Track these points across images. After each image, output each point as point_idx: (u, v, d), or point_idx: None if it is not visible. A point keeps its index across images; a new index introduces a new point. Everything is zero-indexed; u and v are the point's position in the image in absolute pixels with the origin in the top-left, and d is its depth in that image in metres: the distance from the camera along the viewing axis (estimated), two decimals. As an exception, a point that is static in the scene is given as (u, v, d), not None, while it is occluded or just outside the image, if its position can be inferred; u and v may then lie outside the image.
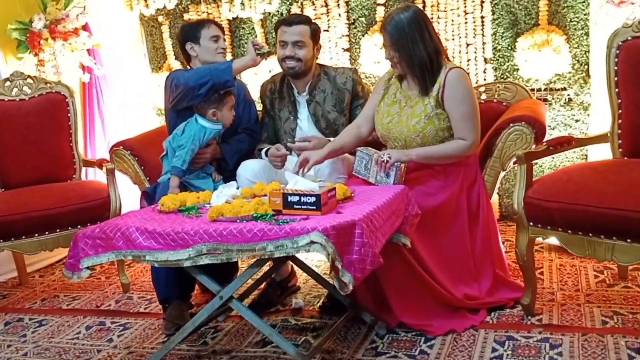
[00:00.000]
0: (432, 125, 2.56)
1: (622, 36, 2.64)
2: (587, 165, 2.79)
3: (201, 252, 2.05)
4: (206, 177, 2.92)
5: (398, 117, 2.63)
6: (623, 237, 2.19)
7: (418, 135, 2.57)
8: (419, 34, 2.52)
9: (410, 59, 2.54)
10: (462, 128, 2.54)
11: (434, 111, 2.55)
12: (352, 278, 1.96)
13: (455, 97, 2.53)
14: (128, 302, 3.13)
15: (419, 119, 2.57)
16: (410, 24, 2.52)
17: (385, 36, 2.57)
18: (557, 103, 3.58)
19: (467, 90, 2.55)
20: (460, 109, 2.53)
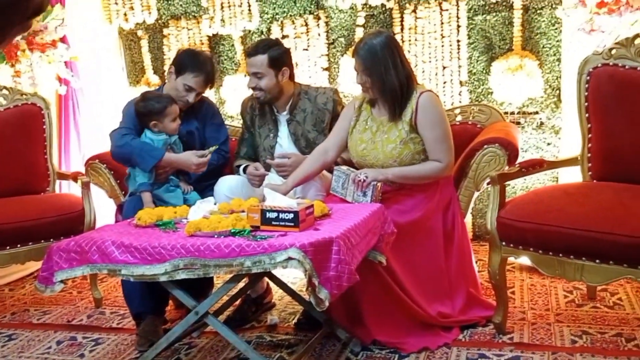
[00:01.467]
0: (408, 150, 2.60)
1: (593, 63, 2.73)
2: (558, 187, 2.86)
3: (178, 267, 2.05)
4: (174, 189, 2.92)
5: (372, 144, 2.66)
6: (592, 258, 2.24)
7: (395, 160, 2.61)
8: (391, 60, 2.57)
9: (381, 85, 2.58)
10: (436, 150, 2.59)
11: (408, 136, 2.59)
12: (329, 294, 1.97)
13: (428, 121, 2.58)
14: (100, 317, 3.09)
15: (394, 145, 2.60)
16: (383, 49, 2.56)
17: (358, 61, 2.60)
18: (530, 126, 3.67)
19: (439, 113, 2.61)
20: (434, 132, 2.58)
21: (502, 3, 3.62)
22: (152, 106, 2.85)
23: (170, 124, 2.86)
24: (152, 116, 2.84)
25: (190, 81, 2.92)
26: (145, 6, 4.16)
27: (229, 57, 4.15)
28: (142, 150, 2.82)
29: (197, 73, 2.92)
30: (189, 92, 2.94)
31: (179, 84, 2.94)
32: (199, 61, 2.95)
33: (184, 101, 2.95)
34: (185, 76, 2.92)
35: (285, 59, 2.97)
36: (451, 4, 3.67)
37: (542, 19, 3.56)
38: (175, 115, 2.87)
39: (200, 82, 2.94)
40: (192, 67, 2.92)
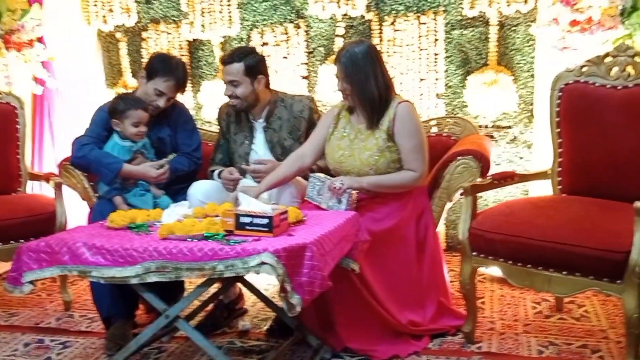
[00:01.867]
0: (385, 158, 2.63)
1: (564, 80, 2.80)
2: (528, 200, 2.91)
3: (149, 270, 2.04)
4: (144, 194, 2.90)
5: (350, 151, 2.69)
6: (559, 269, 2.29)
7: (371, 168, 2.63)
8: (372, 69, 2.60)
9: (361, 93, 2.62)
10: (411, 160, 2.62)
11: (385, 144, 2.62)
12: (301, 300, 1.98)
13: (405, 130, 2.62)
14: (69, 320, 3.05)
15: (371, 153, 2.63)
16: (364, 58, 2.60)
17: (340, 68, 2.63)
18: (503, 140, 3.73)
19: (416, 123, 2.65)
20: (410, 141, 2.62)
21: (479, 19, 3.68)
22: (117, 105, 2.86)
23: (130, 127, 2.84)
24: (114, 114, 2.85)
25: (160, 85, 2.91)
26: (124, 9, 4.14)
27: (208, 63, 4.15)
28: (100, 164, 2.83)
29: (168, 77, 2.91)
30: (160, 96, 2.93)
31: (149, 88, 2.93)
32: (170, 66, 2.93)
33: (155, 106, 2.94)
34: (156, 80, 2.91)
35: (261, 67, 2.98)
36: (429, 17, 3.72)
37: (517, 36, 3.64)
38: (137, 121, 2.84)
39: (170, 86, 2.93)
40: (163, 72, 2.91)
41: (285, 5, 3.95)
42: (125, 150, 2.86)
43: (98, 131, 2.93)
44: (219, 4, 3.99)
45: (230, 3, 3.99)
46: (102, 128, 2.93)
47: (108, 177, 2.83)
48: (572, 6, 3.04)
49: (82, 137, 2.95)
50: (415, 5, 3.75)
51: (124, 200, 2.82)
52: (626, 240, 2.15)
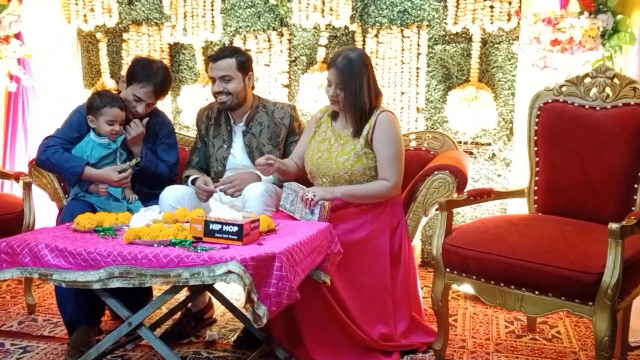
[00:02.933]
0: (361, 164, 2.61)
1: (543, 98, 2.80)
2: (503, 218, 2.90)
3: (112, 275, 1.98)
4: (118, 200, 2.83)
5: (327, 154, 2.69)
6: (531, 288, 2.27)
7: (346, 172, 2.62)
8: (366, 77, 2.62)
9: (353, 100, 2.62)
10: (386, 169, 2.61)
11: (363, 150, 2.62)
12: (267, 311, 1.94)
13: (383, 139, 2.61)
14: (32, 324, 2.96)
15: (348, 157, 2.63)
16: (360, 65, 2.61)
17: (335, 73, 2.61)
18: (482, 157, 3.73)
19: (395, 133, 2.64)
20: (387, 150, 2.61)
21: (462, 35, 3.69)
22: (93, 100, 2.82)
23: (104, 125, 2.79)
24: (90, 110, 2.81)
25: (138, 92, 2.86)
26: (106, 9, 4.08)
27: (189, 67, 4.10)
28: (62, 167, 2.79)
29: (145, 84, 2.85)
30: (138, 102, 2.88)
31: (128, 94, 2.89)
32: (149, 71, 2.87)
33: (134, 112, 2.89)
34: (134, 86, 2.87)
35: (250, 65, 3.00)
36: (413, 31, 3.72)
37: (499, 53, 3.65)
38: (111, 119, 2.78)
39: (148, 92, 2.87)
40: (140, 78, 2.85)
41: (269, 12, 3.92)
42: (102, 147, 2.80)
43: (69, 133, 2.87)
44: (203, 8, 3.95)
45: (214, 8, 3.95)
46: (75, 130, 2.87)
47: (70, 180, 2.79)
48: (554, 26, 3.05)
49: (49, 137, 2.89)
50: (399, 19, 3.75)
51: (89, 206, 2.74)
52: (599, 261, 2.14)
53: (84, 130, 2.85)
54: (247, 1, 3.93)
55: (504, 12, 3.54)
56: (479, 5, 3.57)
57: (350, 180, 2.64)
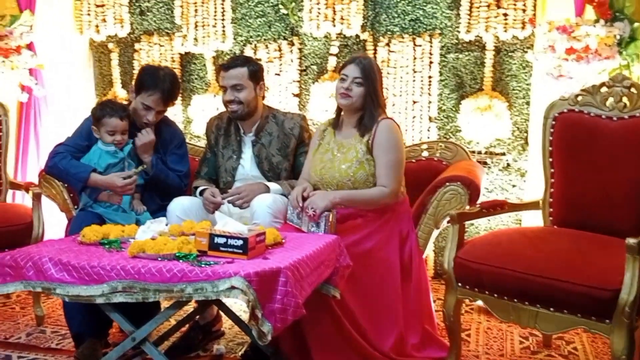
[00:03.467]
0: (363, 170, 2.60)
1: (559, 108, 2.73)
2: (517, 230, 2.83)
3: (116, 290, 1.95)
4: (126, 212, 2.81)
5: (330, 163, 2.68)
6: (546, 305, 2.19)
7: (350, 179, 2.61)
8: (379, 80, 2.70)
9: (371, 98, 2.64)
10: (384, 175, 2.60)
11: (364, 156, 2.61)
12: (272, 328, 1.89)
13: (383, 145, 2.60)
14: (40, 336, 2.94)
15: (350, 164, 2.62)
16: (378, 70, 2.72)
17: (354, 68, 2.65)
18: (496, 167, 3.66)
19: (395, 140, 2.63)
20: (386, 156, 2.60)
21: (475, 43, 3.63)
22: (95, 110, 2.82)
23: (105, 135, 2.78)
24: (93, 120, 2.81)
25: (146, 100, 2.84)
26: (118, 19, 4.10)
27: (200, 77, 4.09)
28: (68, 173, 2.78)
29: (152, 91, 2.83)
30: (147, 111, 2.86)
31: (137, 103, 2.87)
32: (156, 78, 2.85)
33: (145, 121, 2.87)
34: (142, 95, 2.85)
35: (262, 74, 2.98)
36: (425, 40, 3.67)
37: (513, 62, 3.58)
38: (111, 129, 2.76)
39: (156, 100, 2.85)
40: (148, 86, 2.84)
41: (279, 22, 3.90)
42: (109, 155, 2.79)
43: (78, 141, 2.86)
44: (213, 18, 3.95)
45: (225, 17, 3.94)
46: (84, 138, 2.86)
47: (77, 186, 2.78)
48: (569, 34, 2.99)
49: (59, 145, 2.89)
50: (411, 27, 3.70)
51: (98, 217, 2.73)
52: (616, 277, 2.06)
53: (93, 138, 2.84)
54: (257, 11, 3.92)
55: (517, 20, 3.48)
56: (492, 13, 3.51)
57: (353, 188, 2.62)
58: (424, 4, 3.67)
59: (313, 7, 3.74)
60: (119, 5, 4.08)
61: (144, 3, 4.09)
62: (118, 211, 2.79)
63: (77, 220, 2.77)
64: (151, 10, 4.09)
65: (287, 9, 3.83)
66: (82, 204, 2.86)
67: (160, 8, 4.08)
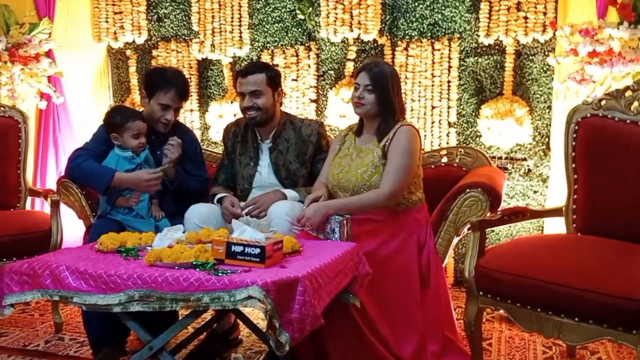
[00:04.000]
0: (378, 175, 2.58)
1: (582, 113, 2.67)
2: (539, 238, 2.77)
3: (133, 298, 1.93)
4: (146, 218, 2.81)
5: (348, 167, 2.66)
6: (571, 315, 2.14)
7: (365, 184, 2.59)
8: (396, 87, 2.66)
9: (384, 105, 2.62)
10: (387, 177, 2.56)
11: (380, 161, 2.59)
12: (290, 338, 1.86)
13: (396, 148, 2.58)
14: (58, 343, 2.95)
15: (366, 168, 2.60)
16: (391, 75, 2.66)
17: (365, 76, 2.64)
18: (517, 173, 3.60)
19: (410, 146, 2.58)
20: (395, 159, 2.57)
21: (495, 47, 3.58)
22: (113, 118, 2.79)
23: (130, 140, 2.78)
24: (112, 128, 2.79)
25: (163, 99, 2.84)
26: (135, 26, 4.11)
27: (217, 83, 4.09)
28: (92, 174, 2.75)
29: (167, 89, 2.84)
30: (166, 110, 2.86)
31: (153, 105, 2.87)
32: (167, 77, 2.88)
33: (164, 122, 2.87)
34: (157, 96, 2.85)
35: (280, 80, 2.97)
36: (443, 44, 3.63)
37: (534, 65, 3.52)
38: (137, 132, 2.77)
39: (173, 97, 2.86)
40: (161, 85, 2.85)
41: (296, 27, 3.88)
42: (126, 161, 2.79)
43: (97, 146, 2.86)
44: (230, 24, 3.94)
45: (242, 24, 3.94)
46: (102, 143, 2.86)
47: (101, 185, 2.73)
48: (591, 37, 2.93)
49: (78, 149, 2.88)
50: (429, 31, 3.66)
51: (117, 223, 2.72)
52: (643, 287, 2.00)
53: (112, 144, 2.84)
54: (274, 16, 3.90)
55: (538, 24, 3.43)
56: (513, 16, 3.46)
57: None
58: (442, 7, 3.62)
59: (330, 12, 3.72)
60: (136, 12, 4.10)
61: (162, 10, 4.10)
62: (137, 217, 2.79)
63: (96, 227, 2.76)
64: (168, 17, 4.10)
65: (304, 14, 3.81)
66: (101, 210, 2.86)
67: (178, 15, 4.08)
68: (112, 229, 2.60)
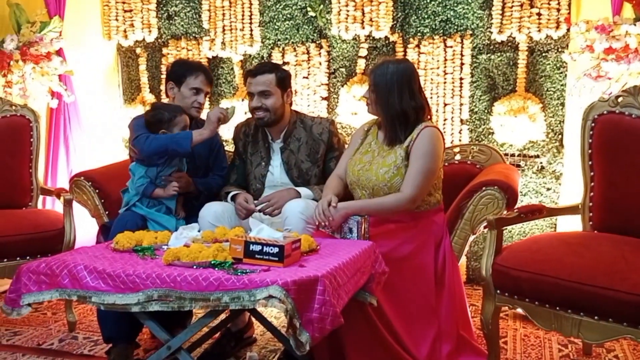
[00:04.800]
0: (400, 176, 2.54)
1: (598, 110, 2.65)
2: (557, 236, 2.75)
3: (151, 298, 1.93)
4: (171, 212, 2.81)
5: (369, 165, 2.62)
6: (590, 313, 2.13)
7: (386, 184, 2.55)
8: (398, 88, 2.55)
9: (383, 106, 2.58)
10: (409, 180, 2.52)
11: (402, 162, 2.55)
12: (310, 338, 1.85)
13: (418, 151, 2.53)
14: (72, 342, 2.95)
15: (388, 169, 2.56)
16: (394, 75, 2.57)
17: (370, 77, 2.62)
18: (530, 170, 3.58)
19: (433, 148, 2.54)
20: (418, 162, 2.52)
21: (507, 43, 3.56)
22: (161, 115, 2.81)
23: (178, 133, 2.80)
24: (161, 125, 2.79)
25: (194, 83, 2.94)
26: (145, 24, 4.10)
27: (227, 81, 4.07)
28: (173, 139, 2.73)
29: (196, 72, 2.95)
30: (198, 94, 2.95)
31: (184, 91, 2.95)
32: (192, 63, 3.05)
33: (197, 106, 2.96)
34: (188, 81, 2.94)
35: (289, 81, 2.95)
36: (455, 41, 3.61)
37: (547, 62, 3.50)
38: (184, 125, 2.83)
39: (203, 80, 2.97)
40: (190, 71, 2.96)
41: (308, 24, 3.87)
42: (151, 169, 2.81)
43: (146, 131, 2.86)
44: (241, 21, 3.93)
45: (252, 21, 3.92)
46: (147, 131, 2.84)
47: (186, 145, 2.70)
48: (608, 33, 2.90)
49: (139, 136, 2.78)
50: (441, 28, 3.64)
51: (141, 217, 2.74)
52: (664, 285, 1.99)
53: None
54: (285, 14, 3.89)
55: (552, 20, 3.40)
56: (526, 12, 3.44)
57: (389, 193, 2.56)
58: (454, 4, 3.60)
59: (341, 9, 3.70)
60: (146, 10, 4.09)
61: (172, 8, 4.09)
62: (161, 212, 2.78)
63: (121, 220, 2.73)
64: (179, 14, 4.09)
65: (315, 11, 3.80)
66: (125, 202, 2.84)
67: (188, 12, 4.07)
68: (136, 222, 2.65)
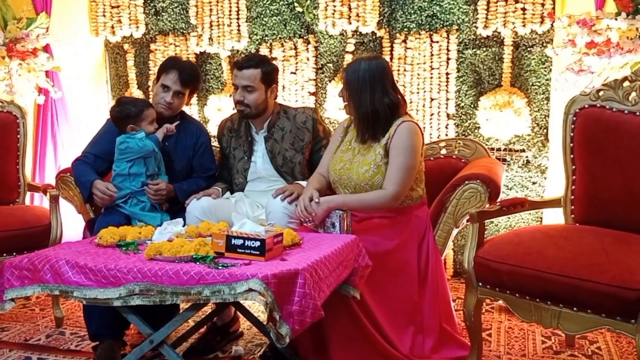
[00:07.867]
0: (381, 174, 2.54)
1: (580, 103, 2.67)
2: (538, 228, 2.78)
3: (133, 292, 1.94)
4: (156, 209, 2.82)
5: (350, 164, 2.62)
6: (569, 305, 2.15)
7: (367, 183, 2.56)
8: (371, 86, 2.54)
9: (356, 104, 2.58)
10: (390, 177, 2.52)
11: (382, 160, 2.55)
12: (290, 330, 1.87)
13: (397, 147, 2.53)
14: (59, 337, 2.95)
15: (368, 167, 2.56)
16: (368, 72, 2.55)
17: (343, 75, 2.64)
18: (515, 164, 3.60)
19: (411, 143, 2.54)
20: (398, 159, 2.52)
21: (493, 38, 3.58)
22: (128, 110, 2.80)
23: (148, 127, 2.81)
24: (128, 120, 2.79)
25: (164, 80, 2.91)
26: (133, 20, 4.10)
27: (215, 77, 4.08)
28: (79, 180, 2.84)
29: (170, 70, 2.90)
30: (166, 92, 2.90)
31: (157, 87, 2.94)
32: (175, 61, 2.96)
33: (163, 103, 2.90)
34: (162, 77, 2.93)
35: (275, 76, 2.95)
36: (442, 36, 3.62)
37: (532, 57, 3.52)
38: (152, 119, 2.82)
39: (174, 79, 2.89)
40: (168, 68, 2.92)
41: (295, 20, 3.87)
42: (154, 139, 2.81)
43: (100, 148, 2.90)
44: (228, 17, 3.94)
45: (240, 17, 3.93)
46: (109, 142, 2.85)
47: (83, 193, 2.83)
48: (589, 28, 2.92)
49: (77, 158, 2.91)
50: (427, 24, 3.65)
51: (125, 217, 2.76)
52: (642, 276, 2.01)
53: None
54: (272, 9, 3.89)
55: (536, 15, 3.42)
56: (511, 7, 3.46)
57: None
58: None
59: (328, 5, 3.71)
60: (134, 6, 4.09)
61: (159, 3, 4.09)
62: (145, 209, 2.80)
63: (104, 219, 2.75)
64: (166, 10, 4.09)
65: (302, 7, 3.80)
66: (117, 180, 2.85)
67: (175, 8, 4.07)
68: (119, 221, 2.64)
